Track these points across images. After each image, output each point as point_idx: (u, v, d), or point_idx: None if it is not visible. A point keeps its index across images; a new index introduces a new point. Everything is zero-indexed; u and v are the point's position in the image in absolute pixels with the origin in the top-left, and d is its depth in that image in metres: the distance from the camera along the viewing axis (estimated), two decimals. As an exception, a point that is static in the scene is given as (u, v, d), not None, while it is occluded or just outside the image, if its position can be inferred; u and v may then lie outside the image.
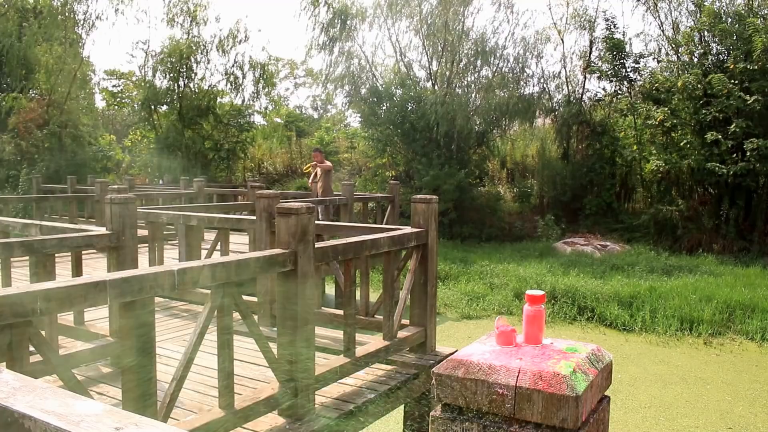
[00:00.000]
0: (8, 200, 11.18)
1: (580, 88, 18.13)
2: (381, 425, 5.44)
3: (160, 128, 22.21)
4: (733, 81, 13.25)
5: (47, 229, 4.19)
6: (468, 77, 17.47)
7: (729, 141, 13.37)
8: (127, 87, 28.27)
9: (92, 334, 4.04)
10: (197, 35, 21.57)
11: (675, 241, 14.51)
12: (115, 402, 3.19)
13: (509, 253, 14.01)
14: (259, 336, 3.07)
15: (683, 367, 7.81)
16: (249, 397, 3.08)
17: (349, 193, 10.59)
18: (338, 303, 8.93)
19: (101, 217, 10.00)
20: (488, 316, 9.98)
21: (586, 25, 17.49)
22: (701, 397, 6.78)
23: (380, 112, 17.46)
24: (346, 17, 17.71)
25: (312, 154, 12.25)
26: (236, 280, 2.87)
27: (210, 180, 19.67)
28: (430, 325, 4.58)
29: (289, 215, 3.18)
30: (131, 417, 0.93)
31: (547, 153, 18.44)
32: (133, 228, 3.91)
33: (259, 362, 3.94)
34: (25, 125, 18.78)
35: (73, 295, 2.20)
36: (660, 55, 16.10)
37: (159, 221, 6.05)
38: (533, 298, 1.92)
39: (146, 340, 2.51)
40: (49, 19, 19.13)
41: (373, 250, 3.95)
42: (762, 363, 8.02)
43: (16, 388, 1.02)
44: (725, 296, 9.74)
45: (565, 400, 1.59)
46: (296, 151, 25.35)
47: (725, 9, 14.40)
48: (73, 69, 19.80)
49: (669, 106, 14.31)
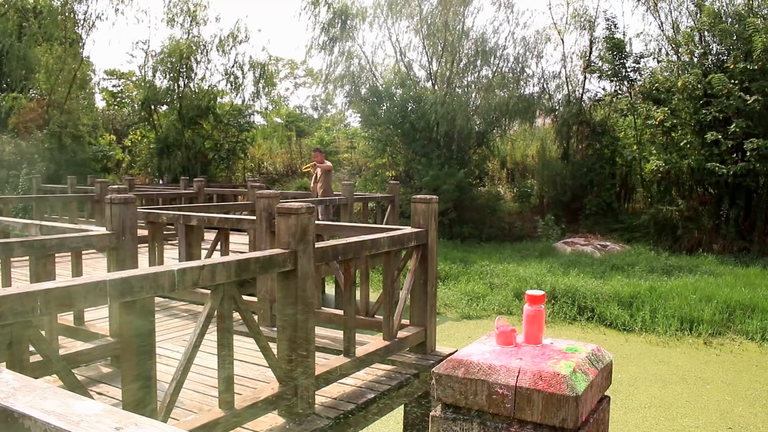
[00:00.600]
0: (8, 200, 11.16)
1: (580, 88, 18.15)
2: (381, 425, 5.45)
3: (160, 128, 22.21)
4: (733, 81, 13.25)
5: (47, 229, 4.19)
6: (468, 77, 17.48)
7: (729, 141, 13.37)
8: (127, 87, 28.27)
9: (92, 334, 4.04)
10: (197, 35, 21.60)
11: (675, 241, 14.51)
12: (115, 402, 3.19)
13: (509, 253, 14.01)
14: (259, 336, 3.07)
15: (683, 367, 7.81)
16: (249, 397, 3.08)
17: (349, 193, 10.59)
18: (338, 303, 8.94)
19: (101, 217, 10.01)
20: (488, 316, 9.98)
21: (586, 25, 17.51)
22: (701, 397, 6.78)
23: (380, 112, 17.47)
24: (347, 17, 17.72)
25: (312, 154, 12.24)
26: (236, 280, 2.87)
27: (210, 180, 19.68)
28: (430, 325, 4.57)
29: (289, 215, 3.18)
30: (131, 417, 0.93)
31: (547, 153, 18.45)
32: (133, 228, 3.91)
33: (259, 362, 3.94)
34: (25, 125, 18.80)
35: (73, 295, 2.20)
36: (660, 55, 16.11)
37: (159, 221, 6.05)
38: (533, 298, 1.92)
39: (146, 340, 2.51)
40: (49, 19, 19.13)
41: (373, 250, 3.95)
42: (762, 363, 8.02)
43: (16, 388, 1.02)
44: (725, 296, 9.74)
45: (565, 400, 1.59)
46: (296, 151, 25.37)
47: (725, 9, 14.40)
48: (73, 69, 19.80)
49: (669, 106, 14.31)
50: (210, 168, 22.07)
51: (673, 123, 14.33)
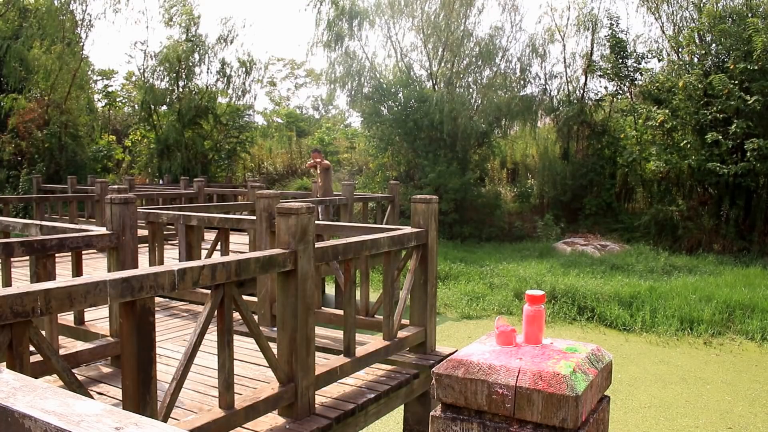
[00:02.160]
0: (8, 200, 11.17)
1: (581, 88, 18.14)
2: (381, 425, 5.45)
3: (160, 128, 22.22)
4: (733, 81, 13.26)
5: (47, 229, 4.19)
6: (469, 77, 17.50)
7: (729, 141, 13.37)
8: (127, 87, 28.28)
9: (92, 334, 4.04)
10: (195, 35, 21.60)
11: (675, 241, 14.51)
12: (115, 402, 3.20)
13: (509, 253, 14.01)
14: (259, 336, 3.07)
15: (683, 367, 7.81)
16: (249, 397, 3.08)
17: (349, 193, 10.59)
18: (338, 303, 8.94)
19: (101, 217, 10.01)
20: (488, 316, 9.98)
21: (588, 25, 17.50)
22: (701, 397, 6.78)
23: (383, 111, 17.48)
24: (350, 16, 17.74)
25: (311, 154, 12.24)
26: (236, 280, 2.87)
27: (210, 180, 19.68)
28: (430, 325, 4.58)
29: (289, 215, 3.18)
30: (131, 417, 0.93)
31: (547, 153, 18.45)
32: (133, 228, 3.91)
33: (259, 362, 3.94)
34: (25, 125, 18.80)
35: (73, 295, 2.20)
36: (661, 55, 16.13)
37: (159, 221, 6.05)
38: (533, 298, 1.92)
39: (146, 340, 2.51)
40: (49, 20, 19.14)
41: (373, 250, 3.95)
42: (762, 363, 8.02)
43: (16, 388, 1.02)
44: (725, 296, 9.74)
45: (565, 400, 1.59)
46: (296, 151, 25.38)
47: (725, 9, 14.41)
48: (73, 69, 19.80)
49: (669, 107, 14.31)
50: (210, 168, 22.08)
51: (674, 124, 14.34)
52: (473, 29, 17.30)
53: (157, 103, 22.20)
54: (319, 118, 34.67)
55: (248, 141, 23.45)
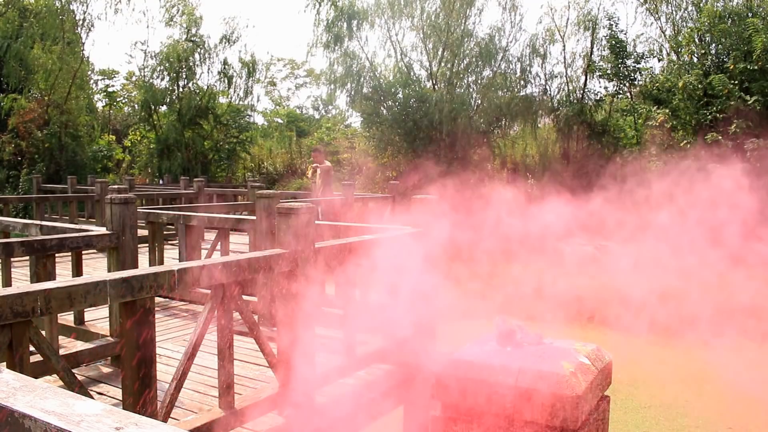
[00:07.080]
0: (8, 200, 11.16)
1: (581, 88, 18.14)
2: (381, 425, 5.45)
3: (160, 128, 22.22)
4: (733, 81, 13.26)
5: (47, 229, 4.18)
6: (469, 77, 17.50)
7: (729, 141, 13.37)
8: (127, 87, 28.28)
9: (92, 334, 4.04)
10: (195, 35, 21.60)
11: (675, 240, 14.50)
12: (115, 402, 3.19)
13: (509, 253, 13.99)
14: (259, 336, 3.07)
15: (683, 367, 7.80)
16: (249, 397, 3.08)
17: (349, 193, 10.58)
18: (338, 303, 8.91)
19: (101, 217, 10.00)
20: (488, 316, 9.97)
21: (588, 26, 17.50)
22: (701, 397, 6.78)
23: (382, 111, 17.47)
24: (349, 16, 17.73)
25: (311, 154, 12.19)
26: (236, 280, 2.87)
27: (210, 180, 19.68)
28: (431, 325, 4.57)
29: (289, 215, 3.17)
30: (131, 417, 0.93)
31: (547, 153, 18.44)
32: (133, 228, 3.91)
33: (259, 362, 3.94)
34: (25, 125, 18.80)
35: (73, 295, 2.20)
36: (661, 55, 16.13)
37: (159, 221, 6.05)
38: (533, 298, 1.92)
39: (146, 340, 2.51)
40: (49, 20, 19.13)
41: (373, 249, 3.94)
42: (762, 363, 8.01)
43: (16, 388, 1.02)
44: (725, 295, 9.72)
45: (565, 400, 1.58)
46: (296, 151, 25.37)
47: (724, 9, 14.40)
48: (73, 69, 19.80)
49: (669, 107, 14.31)
50: (210, 168, 22.09)
51: (674, 124, 14.33)
52: (473, 29, 17.31)
53: (157, 103, 22.20)
54: (319, 118, 34.65)
55: (248, 141, 23.45)
